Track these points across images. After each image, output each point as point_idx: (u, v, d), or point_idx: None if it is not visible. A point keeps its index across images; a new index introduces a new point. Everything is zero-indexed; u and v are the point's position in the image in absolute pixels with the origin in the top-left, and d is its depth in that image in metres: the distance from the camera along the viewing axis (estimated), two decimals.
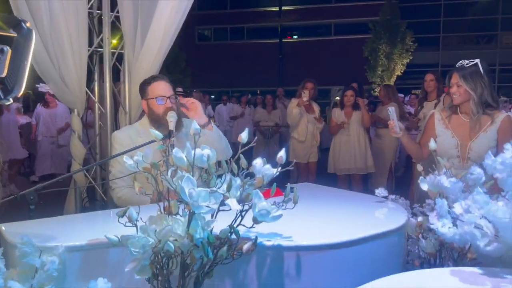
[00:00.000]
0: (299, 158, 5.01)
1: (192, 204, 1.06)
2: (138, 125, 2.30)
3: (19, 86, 1.01)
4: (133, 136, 2.22)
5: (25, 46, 1.00)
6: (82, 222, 1.60)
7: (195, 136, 1.18)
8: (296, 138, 5.05)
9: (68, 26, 2.65)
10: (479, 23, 21.03)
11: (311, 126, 5.03)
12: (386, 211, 1.68)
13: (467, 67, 2.25)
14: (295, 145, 5.07)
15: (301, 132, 5.01)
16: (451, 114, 2.37)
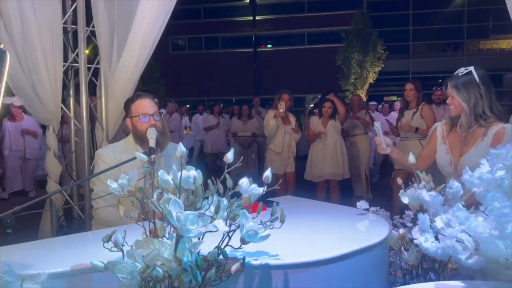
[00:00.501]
0: (276, 170, 4.96)
1: (181, 228, 1.05)
2: (123, 143, 2.28)
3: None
4: (117, 152, 2.21)
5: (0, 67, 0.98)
6: (62, 247, 1.56)
7: (181, 158, 1.17)
8: (272, 150, 5.07)
9: (42, 42, 2.60)
10: (446, 31, 21.78)
11: (288, 137, 5.05)
12: (369, 224, 1.72)
13: (461, 76, 2.06)
14: (272, 157, 5.09)
15: (278, 143, 5.03)
16: (452, 127, 2.17)
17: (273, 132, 4.97)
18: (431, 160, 2.22)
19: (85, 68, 2.88)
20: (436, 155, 2.17)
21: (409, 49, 22.31)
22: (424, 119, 4.43)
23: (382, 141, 2.09)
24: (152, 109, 2.16)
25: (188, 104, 21.96)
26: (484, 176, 1.17)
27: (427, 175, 1.54)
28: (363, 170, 5.88)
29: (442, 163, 2.14)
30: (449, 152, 2.13)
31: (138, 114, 2.16)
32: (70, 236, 1.77)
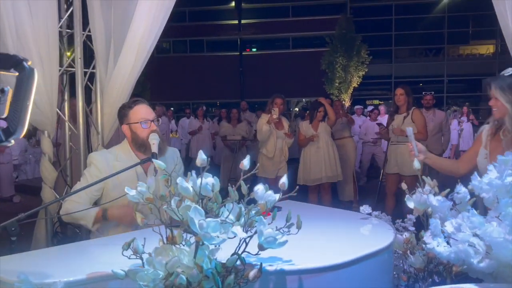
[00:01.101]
0: (267, 174, 4.99)
1: (204, 235, 1.06)
2: (115, 150, 2.24)
3: (22, 127, 0.96)
4: (110, 160, 2.17)
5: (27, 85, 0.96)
6: (72, 254, 1.55)
7: (202, 166, 1.18)
8: (264, 154, 5.05)
9: (39, 46, 2.56)
10: (428, 37, 22.24)
11: (280, 141, 5.04)
12: (374, 228, 1.75)
13: (506, 76, 1.96)
14: (263, 161, 5.06)
15: (270, 148, 5.01)
16: (496, 131, 2.07)
17: (266, 137, 4.96)
18: (473, 163, 2.13)
19: (82, 73, 2.85)
20: (477, 158, 2.10)
21: (391, 53, 22.70)
22: (415, 123, 4.48)
23: (414, 148, 2.02)
24: (151, 114, 2.16)
25: (173, 107, 21.86)
26: (493, 182, 1.21)
27: (434, 181, 1.58)
28: (350, 173, 5.94)
29: (480, 168, 2.04)
30: (487, 157, 2.04)
31: (139, 120, 2.15)
32: (78, 243, 1.75)
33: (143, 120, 2.15)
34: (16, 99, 0.96)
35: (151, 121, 2.15)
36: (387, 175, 4.78)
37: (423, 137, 4.50)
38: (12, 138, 0.97)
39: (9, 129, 0.93)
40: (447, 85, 22.45)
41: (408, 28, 21.97)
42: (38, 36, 2.56)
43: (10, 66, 0.94)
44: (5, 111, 0.94)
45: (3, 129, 0.95)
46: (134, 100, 2.25)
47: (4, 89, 0.93)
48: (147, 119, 2.15)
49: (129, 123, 2.17)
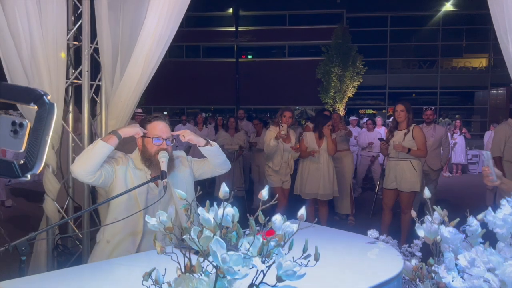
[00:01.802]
0: (274, 184, 5.09)
1: (227, 270, 1.07)
2: (130, 157, 2.28)
3: (39, 162, 0.95)
4: (129, 163, 2.22)
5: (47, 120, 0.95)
6: (85, 276, 1.54)
7: (224, 198, 1.19)
8: (270, 167, 5.10)
9: (48, 59, 2.57)
10: (422, 48, 22.51)
11: (287, 154, 5.08)
12: (383, 255, 1.77)
13: None
14: (269, 172, 5.13)
15: (277, 162, 5.05)
16: None
17: (273, 152, 5.00)
18: None
19: (88, 85, 2.85)
20: None
21: (386, 64, 22.90)
22: (415, 140, 4.50)
23: (492, 173, 1.95)
24: (166, 133, 2.19)
25: (166, 112, 21.83)
26: (508, 218, 1.24)
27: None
28: (348, 187, 5.94)
29: None
30: None
31: (152, 136, 2.19)
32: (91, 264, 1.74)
33: (156, 136, 2.19)
34: (35, 133, 0.95)
35: (164, 140, 2.18)
36: (385, 190, 4.80)
37: (423, 154, 4.55)
38: (28, 174, 0.96)
39: (26, 164, 0.92)
40: (440, 97, 22.70)
41: (403, 39, 22.24)
42: (47, 48, 2.56)
43: (30, 100, 0.93)
44: (23, 146, 0.93)
45: (20, 164, 0.94)
46: (155, 116, 2.30)
47: (23, 123, 0.93)
48: (160, 136, 2.19)
49: (144, 136, 2.22)
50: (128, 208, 2.14)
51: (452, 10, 21.40)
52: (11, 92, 0.92)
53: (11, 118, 0.87)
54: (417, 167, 4.58)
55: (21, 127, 0.94)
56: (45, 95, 1.00)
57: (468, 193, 8.80)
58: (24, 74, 2.42)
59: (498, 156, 4.93)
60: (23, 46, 2.38)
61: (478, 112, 22.17)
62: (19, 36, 2.36)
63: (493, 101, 21.60)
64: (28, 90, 1.00)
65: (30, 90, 1.00)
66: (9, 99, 0.92)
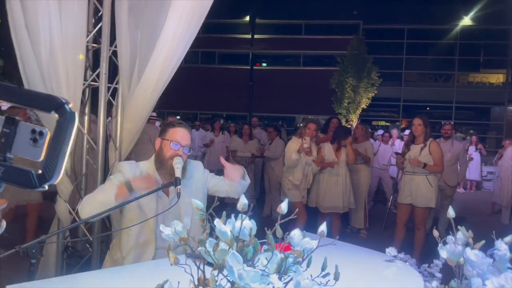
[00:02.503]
0: (294, 198, 4.81)
1: (244, 286, 1.02)
2: (142, 165, 2.25)
3: (58, 173, 0.92)
4: (136, 174, 2.18)
5: (67, 129, 0.92)
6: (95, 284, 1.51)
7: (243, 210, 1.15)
8: (290, 180, 4.85)
9: (66, 60, 2.57)
10: (438, 62, 22.30)
11: (308, 168, 4.86)
12: (402, 275, 1.70)
13: None
14: (289, 186, 4.86)
15: (297, 176, 4.79)
16: None
17: (294, 165, 4.76)
18: None
19: (105, 88, 2.85)
20: None
21: (401, 77, 22.73)
22: (432, 155, 4.42)
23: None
24: (186, 141, 2.18)
25: (179, 116, 21.92)
26: None
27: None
28: (362, 200, 5.84)
29: None
30: None
31: (171, 139, 2.18)
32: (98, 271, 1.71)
33: (175, 141, 2.17)
34: (55, 143, 0.92)
35: (182, 146, 2.16)
36: (399, 205, 4.71)
37: (439, 169, 4.45)
38: (46, 185, 0.93)
39: (44, 175, 0.89)
40: (456, 111, 22.43)
41: (419, 52, 22.05)
42: (66, 49, 2.57)
43: (51, 108, 0.90)
44: (42, 155, 0.90)
45: (38, 174, 0.90)
46: (179, 122, 2.29)
47: (43, 131, 0.89)
48: (179, 142, 2.17)
49: (163, 138, 2.21)
50: (133, 216, 2.12)
51: (470, 25, 21.18)
52: (31, 98, 0.89)
53: (31, 126, 0.84)
54: (433, 182, 4.48)
55: (40, 136, 0.91)
56: (67, 104, 0.96)
57: (483, 210, 8.61)
58: (40, 75, 2.42)
59: None
60: (42, 46, 2.38)
61: (494, 128, 21.83)
62: (39, 36, 2.36)
63: (509, 118, 21.25)
64: (49, 97, 0.96)
65: (51, 98, 0.96)
66: (29, 106, 0.89)
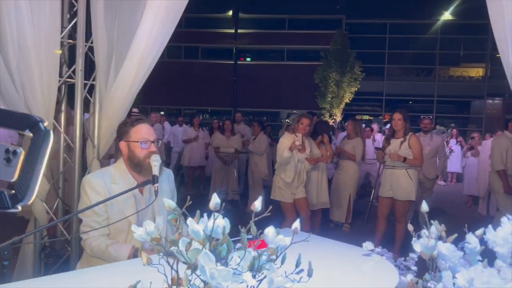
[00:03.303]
0: (284, 198, 4.62)
1: (215, 286, 1.02)
2: (113, 169, 2.16)
3: (31, 193, 0.89)
4: (108, 183, 2.09)
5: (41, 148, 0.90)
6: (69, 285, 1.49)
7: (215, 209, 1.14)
8: (282, 178, 4.59)
9: (39, 56, 2.50)
10: (420, 57, 22.59)
11: (300, 165, 4.59)
12: (378, 269, 1.72)
13: None
14: (280, 184, 4.61)
15: (289, 173, 4.54)
16: None
17: (286, 163, 4.51)
18: None
19: (82, 85, 2.79)
20: None
21: (384, 71, 22.97)
22: (411, 149, 4.47)
23: None
24: (153, 136, 2.10)
25: (163, 112, 21.73)
26: (509, 237, 1.20)
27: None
28: (347, 196, 5.85)
29: None
30: None
31: (139, 139, 2.07)
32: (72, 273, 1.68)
33: (144, 140, 2.09)
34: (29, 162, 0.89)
35: (152, 142, 2.10)
36: (380, 198, 4.77)
37: (418, 163, 4.52)
38: (19, 205, 0.90)
39: (17, 195, 0.86)
40: (437, 105, 22.78)
41: (401, 47, 22.31)
42: (39, 46, 2.50)
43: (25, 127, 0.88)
44: (15, 175, 0.87)
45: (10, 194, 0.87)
46: (137, 119, 2.18)
47: (17, 150, 0.87)
48: (147, 139, 2.09)
49: (128, 141, 2.10)
50: (122, 227, 2.06)
51: (451, 19, 21.50)
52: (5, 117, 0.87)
53: (4, 146, 0.81)
54: (413, 176, 4.55)
55: (14, 155, 0.88)
56: (41, 122, 0.94)
57: (463, 202, 8.78)
58: (6, 71, 2.35)
59: (502, 169, 4.93)
60: (9, 42, 2.31)
61: (474, 122, 22.27)
62: (5, 35, 2.30)
63: (489, 111, 21.69)
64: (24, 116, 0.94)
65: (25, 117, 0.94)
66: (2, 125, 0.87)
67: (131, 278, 1.15)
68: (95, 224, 2.00)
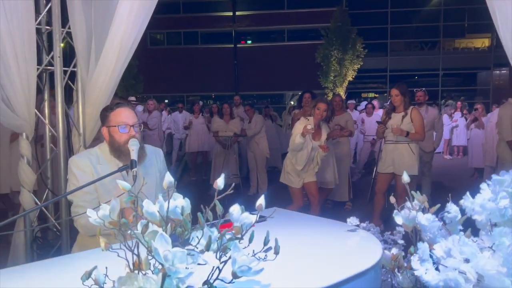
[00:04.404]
0: (292, 183, 4.47)
1: (168, 268, 0.97)
2: (98, 150, 2.15)
3: None
4: (94, 163, 2.09)
5: None
6: (38, 276, 1.45)
7: (168, 189, 1.08)
8: (292, 164, 4.41)
9: (14, 44, 2.44)
10: (423, 30, 22.13)
11: (313, 153, 4.34)
12: (361, 244, 1.66)
13: None
14: (288, 169, 4.45)
15: (301, 160, 4.32)
16: None
17: (298, 149, 4.27)
18: None
19: (61, 72, 2.73)
20: None
21: (387, 47, 22.58)
22: (413, 123, 4.40)
23: None
24: (132, 119, 2.05)
25: (167, 100, 21.66)
26: (486, 204, 1.13)
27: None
28: (346, 174, 5.80)
29: None
30: None
31: (117, 124, 2.05)
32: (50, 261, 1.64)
33: (123, 124, 2.05)
34: None
35: (131, 126, 2.05)
36: (380, 174, 4.69)
37: (421, 137, 4.46)
38: None
39: None
40: (442, 78, 22.42)
41: (403, 21, 21.84)
42: (13, 33, 2.44)
43: None
44: None
45: None
46: (117, 103, 2.15)
47: None
48: (126, 123, 2.05)
49: (109, 126, 2.08)
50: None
51: None
52: None
53: None
54: (415, 150, 4.49)
55: None
56: None
57: (469, 175, 8.66)
58: None
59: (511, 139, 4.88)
60: None
61: (481, 93, 21.89)
62: None
63: (496, 82, 21.30)
64: None
65: None
66: None
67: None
68: (86, 204, 1.99)
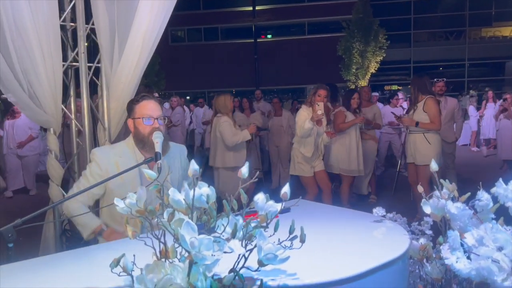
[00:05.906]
0: (304, 172, 4.57)
1: (195, 255, 0.97)
2: (120, 145, 2.21)
3: None
4: (112, 157, 2.15)
5: None
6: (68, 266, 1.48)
7: (194, 177, 1.08)
8: (302, 153, 4.51)
9: (40, 41, 2.49)
10: (448, 19, 21.57)
11: (318, 138, 4.50)
12: (388, 234, 1.63)
13: None
14: (299, 160, 4.54)
15: (309, 147, 4.44)
16: None
17: (308, 135, 4.39)
18: None
19: (86, 67, 2.78)
20: None
21: (410, 37, 22.12)
22: (427, 113, 4.44)
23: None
24: (157, 112, 2.09)
25: (189, 96, 21.83)
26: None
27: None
28: (371, 166, 5.72)
29: None
30: None
31: (142, 116, 2.10)
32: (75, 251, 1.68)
33: (147, 116, 2.09)
34: None
35: (155, 119, 2.08)
36: (408, 164, 4.77)
37: (435, 126, 4.48)
38: None
39: None
40: (468, 69, 21.83)
41: (427, 10, 21.34)
42: (39, 30, 2.49)
43: None
44: None
45: None
46: (142, 95, 2.20)
47: None
48: (150, 116, 2.10)
49: (134, 118, 2.13)
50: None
51: None
52: None
53: None
54: (431, 139, 4.49)
55: None
56: None
57: (498, 167, 8.41)
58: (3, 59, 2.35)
59: None
60: (6, 30, 2.30)
61: (509, 83, 21.22)
62: (2, 24, 2.29)
63: None
64: None
65: None
66: None
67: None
68: (78, 196, 2.04)
